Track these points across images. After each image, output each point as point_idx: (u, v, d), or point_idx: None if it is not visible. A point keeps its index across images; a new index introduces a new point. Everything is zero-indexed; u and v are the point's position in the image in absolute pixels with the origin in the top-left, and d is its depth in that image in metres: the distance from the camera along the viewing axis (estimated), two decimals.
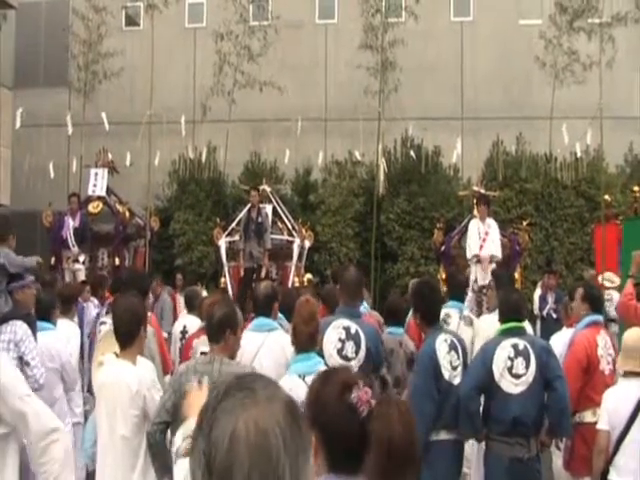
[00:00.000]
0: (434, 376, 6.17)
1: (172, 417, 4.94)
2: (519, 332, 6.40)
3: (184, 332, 9.10)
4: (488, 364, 6.19)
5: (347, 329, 6.26)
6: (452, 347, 6.31)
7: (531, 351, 6.21)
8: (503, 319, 6.52)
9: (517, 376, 6.13)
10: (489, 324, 7.78)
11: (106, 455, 5.24)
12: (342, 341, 6.21)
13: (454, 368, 6.26)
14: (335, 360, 6.11)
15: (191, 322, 9.20)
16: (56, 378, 7.49)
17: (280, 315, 7.32)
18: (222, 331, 5.09)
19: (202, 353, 6.65)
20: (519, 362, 6.16)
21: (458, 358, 6.33)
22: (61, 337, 7.94)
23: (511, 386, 6.13)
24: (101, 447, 5.29)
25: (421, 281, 7.69)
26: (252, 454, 1.41)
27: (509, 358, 6.17)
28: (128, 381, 5.14)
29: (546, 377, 6.20)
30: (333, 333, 6.24)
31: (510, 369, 6.14)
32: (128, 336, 5.31)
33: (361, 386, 2.66)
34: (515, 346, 6.23)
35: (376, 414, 2.70)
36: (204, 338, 5.75)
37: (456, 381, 6.24)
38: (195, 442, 1.46)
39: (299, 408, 1.52)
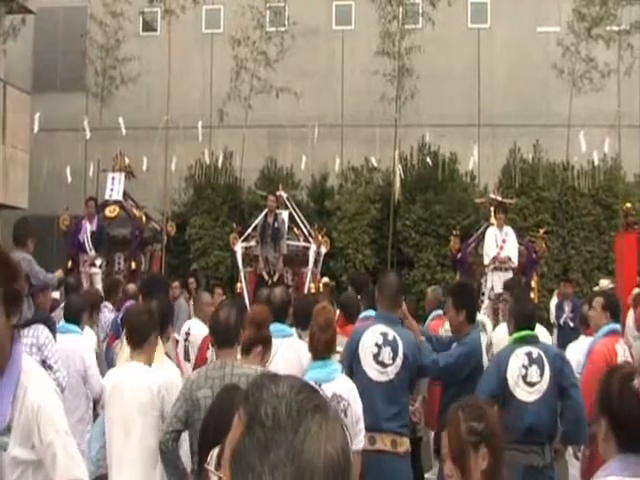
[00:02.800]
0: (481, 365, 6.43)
1: (184, 425, 4.95)
2: (533, 340, 6.37)
3: (187, 334, 9.13)
4: (502, 372, 6.16)
5: (385, 335, 6.20)
6: (487, 347, 6.43)
7: (545, 359, 6.18)
8: (516, 327, 6.49)
9: (531, 384, 6.10)
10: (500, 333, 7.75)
11: (122, 459, 5.25)
12: (379, 346, 6.16)
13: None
14: (370, 365, 6.07)
15: (195, 325, 9.23)
16: (79, 382, 7.51)
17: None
18: (238, 335, 5.12)
19: None
20: (533, 370, 6.13)
21: (489, 361, 6.44)
22: (87, 342, 7.94)
23: (525, 394, 6.10)
24: (116, 451, 5.30)
25: (463, 281, 7.81)
26: (344, 476, 1.41)
27: (523, 366, 6.15)
28: (149, 382, 5.16)
29: (561, 385, 6.17)
30: (370, 337, 6.19)
31: (524, 377, 6.12)
32: (140, 338, 5.34)
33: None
34: (529, 354, 6.20)
35: None
36: None
37: None
38: (266, 463, 1.39)
39: None
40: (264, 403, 1.43)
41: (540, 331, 8.85)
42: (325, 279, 17.20)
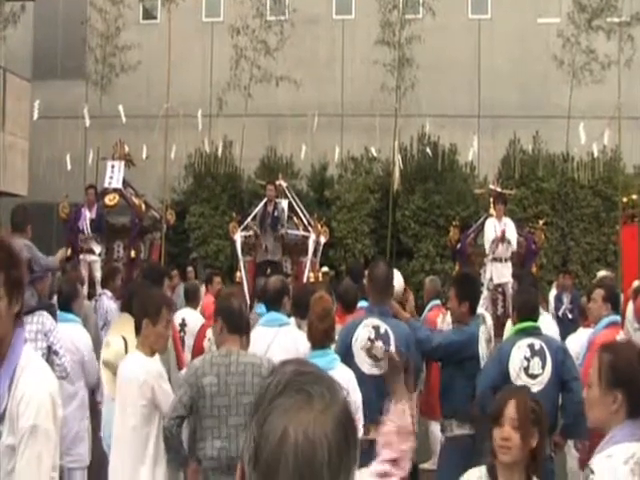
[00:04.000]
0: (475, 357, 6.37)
1: (188, 411, 4.98)
2: (535, 332, 6.35)
3: (183, 325, 9.12)
4: (504, 364, 6.14)
5: (377, 328, 6.18)
6: (487, 341, 6.41)
7: (547, 351, 6.15)
8: (519, 319, 6.48)
9: (533, 376, 6.08)
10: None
11: (117, 446, 5.32)
12: (371, 340, 6.14)
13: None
14: (362, 359, 6.06)
15: (189, 315, 9.22)
16: (78, 370, 7.53)
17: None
18: (247, 324, 5.21)
19: None
20: (535, 362, 6.10)
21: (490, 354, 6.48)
22: (84, 330, 7.94)
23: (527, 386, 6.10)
24: (114, 438, 5.38)
25: (467, 272, 7.76)
26: (298, 461, 1.44)
27: (525, 358, 6.11)
28: (136, 371, 5.20)
29: (562, 378, 6.14)
30: (363, 332, 6.17)
31: (526, 369, 6.10)
32: (137, 325, 5.40)
33: None
34: (531, 346, 6.16)
35: None
36: None
37: None
38: (251, 423, 1.52)
39: (353, 421, 1.55)
40: (273, 378, 1.55)
41: (547, 320, 8.88)
42: (325, 268, 17.21)
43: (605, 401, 3.30)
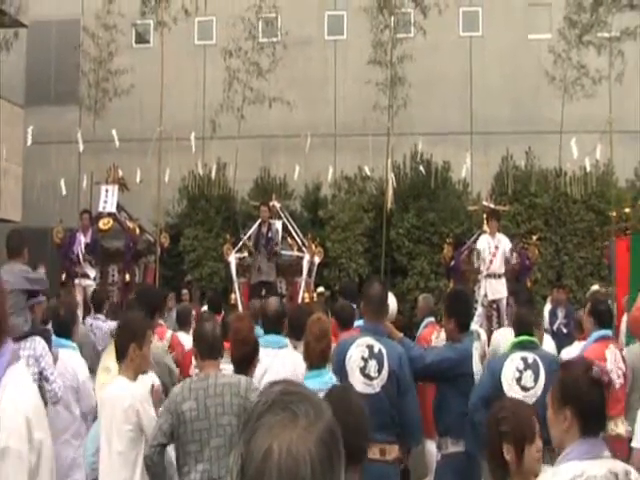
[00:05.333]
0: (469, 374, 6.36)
1: (169, 439, 4.98)
2: (530, 346, 6.38)
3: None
4: (497, 376, 6.17)
5: (370, 347, 6.14)
6: (482, 357, 6.46)
7: (541, 365, 6.17)
8: (516, 333, 6.52)
9: (525, 389, 6.10)
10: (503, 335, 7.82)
11: (104, 470, 5.31)
12: (365, 359, 6.10)
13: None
14: (357, 379, 6.04)
15: (183, 339, 9.22)
16: (74, 396, 7.50)
17: None
18: (222, 347, 5.28)
19: None
20: (528, 375, 6.12)
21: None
22: (79, 356, 7.90)
23: (520, 398, 6.11)
24: (101, 463, 5.37)
25: (458, 289, 7.75)
26: (282, 477, 1.49)
27: (517, 370, 6.15)
28: (121, 396, 5.20)
29: None
30: (356, 351, 6.14)
31: (519, 380, 6.13)
32: (120, 350, 5.39)
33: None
34: (524, 359, 6.19)
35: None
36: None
37: None
38: (239, 439, 1.58)
39: (338, 439, 1.59)
40: (261, 397, 1.61)
41: (545, 340, 8.91)
42: (320, 288, 17.20)
43: (557, 419, 3.39)
